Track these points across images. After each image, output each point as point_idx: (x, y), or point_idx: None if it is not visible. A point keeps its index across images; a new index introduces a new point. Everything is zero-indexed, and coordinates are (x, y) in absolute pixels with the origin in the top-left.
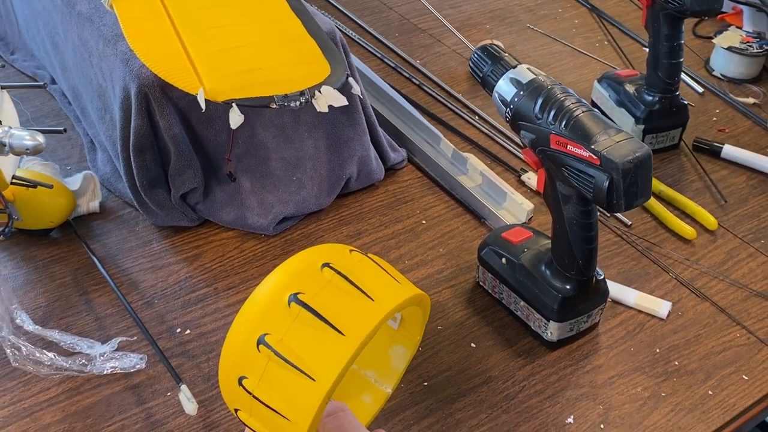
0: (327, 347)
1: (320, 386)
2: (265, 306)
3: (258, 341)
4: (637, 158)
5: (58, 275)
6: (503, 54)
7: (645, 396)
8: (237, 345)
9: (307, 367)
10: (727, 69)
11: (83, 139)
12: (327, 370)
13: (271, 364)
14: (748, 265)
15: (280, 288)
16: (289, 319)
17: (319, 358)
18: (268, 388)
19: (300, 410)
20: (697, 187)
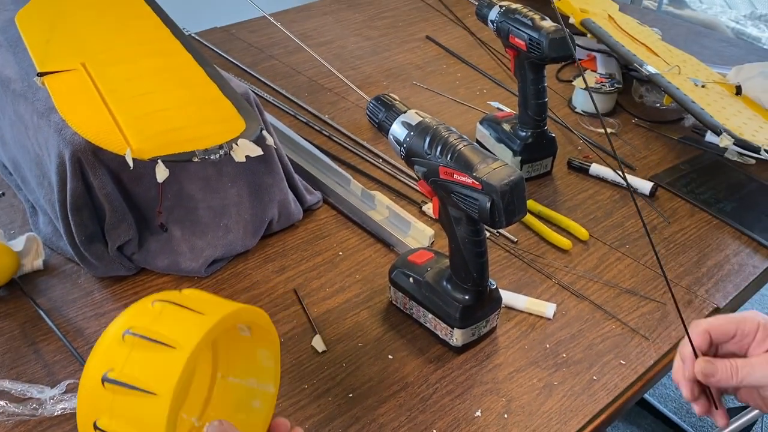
0: (162, 363)
1: (161, 400)
2: (105, 347)
3: (102, 380)
4: (512, 181)
5: (6, 330)
6: (395, 101)
7: (540, 386)
8: (86, 390)
9: (148, 385)
10: (587, 106)
11: (25, 204)
12: (165, 384)
13: (118, 396)
14: (617, 267)
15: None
16: (125, 351)
17: (155, 375)
18: (119, 420)
19: (151, 428)
20: (569, 205)
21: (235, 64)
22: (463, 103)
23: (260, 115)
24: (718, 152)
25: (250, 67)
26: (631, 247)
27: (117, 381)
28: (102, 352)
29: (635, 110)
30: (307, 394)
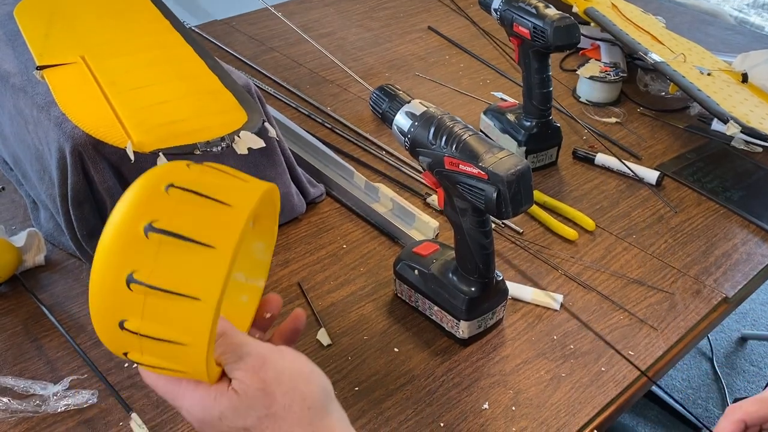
0: (201, 265)
1: (207, 304)
2: (122, 245)
3: (127, 281)
4: (519, 170)
5: (8, 326)
6: (398, 92)
7: (548, 378)
8: (105, 291)
9: (189, 290)
10: (591, 95)
11: (26, 200)
12: (209, 287)
13: (150, 299)
14: (624, 257)
15: (130, 222)
16: (152, 250)
17: (197, 278)
18: (154, 323)
19: (194, 333)
20: (575, 195)
21: (235, 56)
22: (466, 93)
23: (262, 106)
24: (724, 140)
25: (251, 59)
26: (638, 237)
27: (147, 284)
28: (119, 250)
29: (640, 99)
30: None
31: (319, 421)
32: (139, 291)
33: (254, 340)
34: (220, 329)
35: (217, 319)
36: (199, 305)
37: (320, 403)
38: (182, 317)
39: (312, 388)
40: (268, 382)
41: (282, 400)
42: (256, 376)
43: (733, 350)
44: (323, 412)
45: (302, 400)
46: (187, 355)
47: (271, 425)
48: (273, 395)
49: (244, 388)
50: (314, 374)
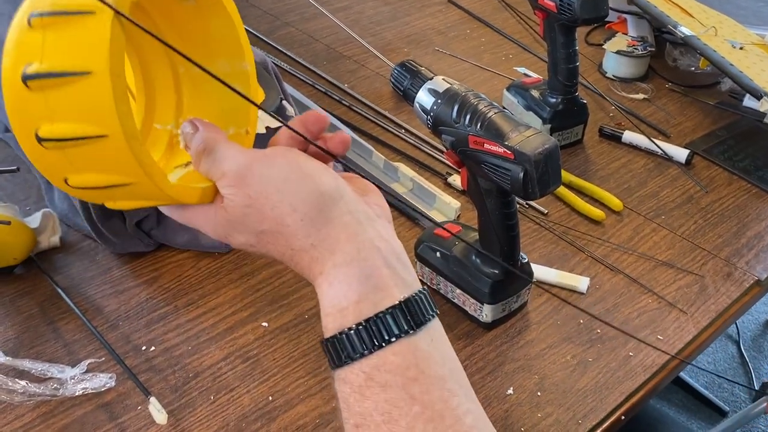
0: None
1: (99, 76)
2: (14, 42)
3: (23, 79)
4: (547, 149)
5: (24, 308)
6: (420, 68)
7: (574, 363)
8: (11, 99)
9: (77, 66)
10: (618, 70)
11: (40, 180)
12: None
13: (50, 93)
14: (653, 239)
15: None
16: (38, 38)
17: (82, 50)
18: (62, 121)
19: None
20: (602, 174)
21: (249, 31)
22: (488, 69)
23: (279, 84)
24: (757, 117)
25: (266, 35)
26: (667, 218)
27: (40, 74)
28: (12, 48)
29: (669, 74)
30: None
31: (317, 232)
32: (36, 88)
33: (238, 148)
34: (200, 144)
35: (124, 96)
36: (93, 80)
37: (315, 210)
38: (86, 100)
39: (304, 195)
40: (254, 197)
41: (271, 215)
42: (240, 191)
43: (760, 333)
44: (322, 219)
45: (292, 212)
46: (111, 151)
47: (271, 240)
48: (261, 210)
49: (232, 206)
50: (307, 178)
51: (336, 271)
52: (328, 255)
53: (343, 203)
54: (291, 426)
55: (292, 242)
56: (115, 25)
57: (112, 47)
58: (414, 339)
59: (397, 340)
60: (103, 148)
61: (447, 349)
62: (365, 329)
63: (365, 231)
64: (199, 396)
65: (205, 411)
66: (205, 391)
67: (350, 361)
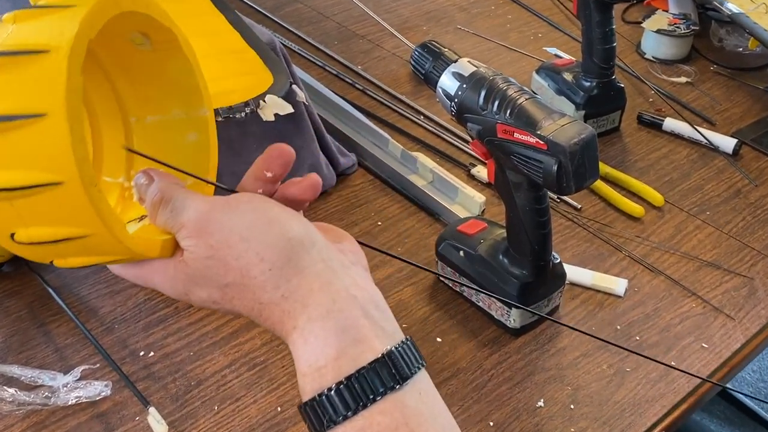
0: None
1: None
2: None
3: None
4: (583, 140)
5: (12, 309)
6: (443, 49)
7: (610, 373)
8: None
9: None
10: (658, 51)
11: None
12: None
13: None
14: (697, 237)
15: None
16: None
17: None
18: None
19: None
20: (641, 166)
21: (254, 8)
22: (515, 49)
23: (288, 66)
24: None
25: (272, 11)
26: (712, 214)
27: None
28: None
29: (714, 56)
30: None
31: (287, 282)
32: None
33: (196, 196)
34: (156, 195)
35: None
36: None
37: (284, 259)
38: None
39: (270, 242)
40: (216, 246)
41: (236, 265)
42: (201, 242)
43: None
44: (292, 269)
45: (259, 262)
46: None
47: (236, 295)
48: (225, 261)
49: (193, 259)
50: (275, 223)
51: (311, 325)
52: (300, 308)
53: (315, 251)
54: None
55: (259, 295)
56: (72, 63)
57: (69, 87)
58: (401, 395)
59: (383, 398)
60: (57, 196)
61: (437, 403)
62: (347, 388)
63: (340, 279)
64: (202, 406)
65: (209, 422)
66: (208, 400)
67: (333, 425)
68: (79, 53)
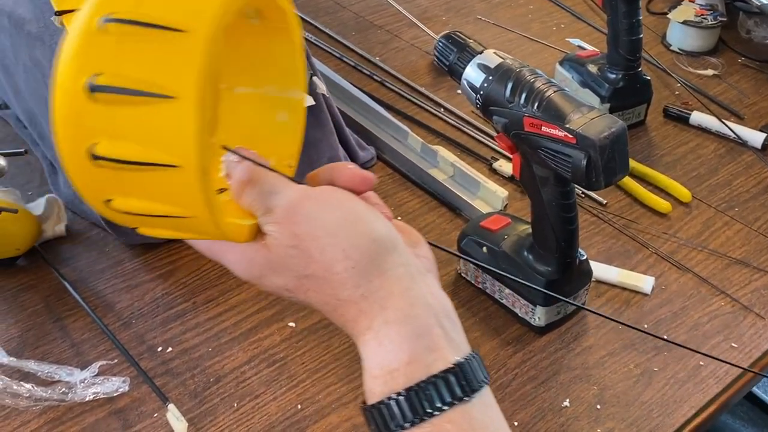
0: (172, 55)
1: (185, 103)
2: (78, 46)
3: (89, 88)
4: (613, 133)
5: (29, 304)
6: (468, 40)
7: (637, 373)
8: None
9: (161, 87)
10: (684, 43)
11: (43, 162)
12: (184, 81)
13: (116, 110)
14: (725, 234)
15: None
16: (112, 46)
17: (169, 71)
18: (123, 140)
19: (176, 145)
20: (667, 161)
21: None
22: (537, 40)
23: (307, 58)
24: None
25: None
26: (741, 210)
27: (112, 87)
28: (75, 53)
29: (742, 48)
30: None
31: (368, 283)
32: (101, 101)
33: (287, 183)
34: (245, 174)
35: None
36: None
37: (368, 259)
38: (161, 126)
39: (356, 241)
40: (301, 237)
41: (320, 258)
42: (286, 230)
43: None
44: (374, 270)
45: (344, 258)
46: (177, 182)
47: (313, 287)
48: (308, 253)
49: (276, 246)
50: (362, 222)
51: (387, 328)
52: (378, 309)
53: (397, 254)
54: None
55: (339, 291)
56: (209, 49)
57: (204, 74)
58: (469, 407)
59: (452, 408)
60: (169, 178)
61: (500, 418)
62: (417, 394)
63: (417, 286)
64: (221, 403)
65: (228, 419)
66: (227, 397)
67: (400, 430)
68: (216, 39)
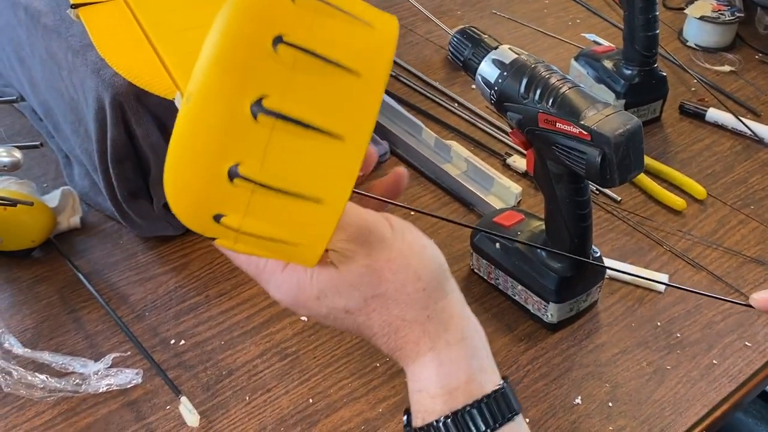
0: (326, 159)
1: (331, 209)
2: (223, 126)
3: (230, 174)
4: (629, 130)
5: (43, 295)
6: (483, 36)
7: (650, 371)
8: (197, 181)
9: (307, 190)
10: (701, 39)
11: (58, 154)
12: (335, 189)
13: (256, 196)
14: (740, 232)
15: (230, 95)
16: (261, 137)
17: (319, 175)
18: (260, 221)
19: (311, 235)
20: (682, 157)
21: None
22: (552, 35)
23: None
24: None
25: None
26: (757, 208)
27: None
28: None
29: (759, 44)
30: (380, 373)
31: (434, 304)
32: (243, 187)
33: (356, 206)
34: None
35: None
36: (319, 209)
37: (436, 282)
38: (297, 218)
39: (427, 264)
40: (375, 257)
41: (392, 279)
42: (360, 249)
43: None
44: (440, 292)
45: (416, 280)
46: (296, 253)
47: (378, 307)
48: (381, 273)
49: (348, 264)
50: (428, 248)
51: (448, 349)
52: (441, 331)
53: (452, 281)
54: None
55: (406, 312)
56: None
57: (373, 118)
58: (516, 425)
59: (507, 424)
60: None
61: None
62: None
63: (467, 310)
64: (233, 396)
65: (240, 413)
66: (239, 390)
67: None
68: (384, 84)
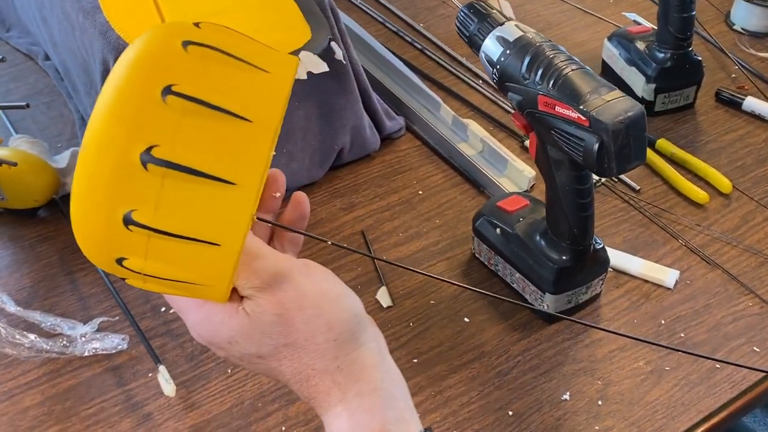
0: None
1: (229, 250)
2: (114, 175)
3: (125, 221)
4: (629, 118)
5: (44, 255)
6: (491, 11)
7: (647, 370)
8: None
9: (202, 234)
10: (749, 22)
11: (74, 115)
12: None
13: (153, 241)
14: (765, 230)
15: (120, 145)
16: (153, 184)
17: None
18: (161, 264)
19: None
20: (712, 148)
21: None
22: (591, 12)
23: (335, 20)
24: None
25: None
26: None
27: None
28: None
29: None
30: None
31: (346, 356)
32: (139, 233)
33: (272, 252)
34: None
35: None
36: (219, 250)
37: (348, 333)
38: (197, 260)
39: (340, 315)
40: (287, 306)
41: (303, 329)
42: (272, 297)
43: None
44: (352, 343)
45: (327, 330)
46: (203, 291)
47: (289, 355)
48: (292, 322)
49: (259, 312)
50: (343, 297)
51: (359, 400)
52: (352, 382)
53: (370, 331)
54: (311, 410)
55: (316, 362)
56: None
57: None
58: None
59: None
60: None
61: None
62: None
63: (386, 360)
64: (216, 368)
65: (220, 385)
66: (222, 363)
67: None
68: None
